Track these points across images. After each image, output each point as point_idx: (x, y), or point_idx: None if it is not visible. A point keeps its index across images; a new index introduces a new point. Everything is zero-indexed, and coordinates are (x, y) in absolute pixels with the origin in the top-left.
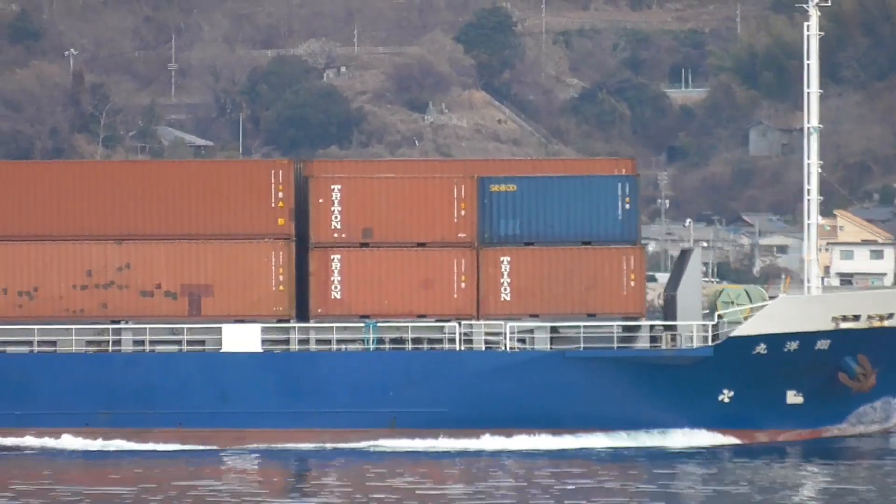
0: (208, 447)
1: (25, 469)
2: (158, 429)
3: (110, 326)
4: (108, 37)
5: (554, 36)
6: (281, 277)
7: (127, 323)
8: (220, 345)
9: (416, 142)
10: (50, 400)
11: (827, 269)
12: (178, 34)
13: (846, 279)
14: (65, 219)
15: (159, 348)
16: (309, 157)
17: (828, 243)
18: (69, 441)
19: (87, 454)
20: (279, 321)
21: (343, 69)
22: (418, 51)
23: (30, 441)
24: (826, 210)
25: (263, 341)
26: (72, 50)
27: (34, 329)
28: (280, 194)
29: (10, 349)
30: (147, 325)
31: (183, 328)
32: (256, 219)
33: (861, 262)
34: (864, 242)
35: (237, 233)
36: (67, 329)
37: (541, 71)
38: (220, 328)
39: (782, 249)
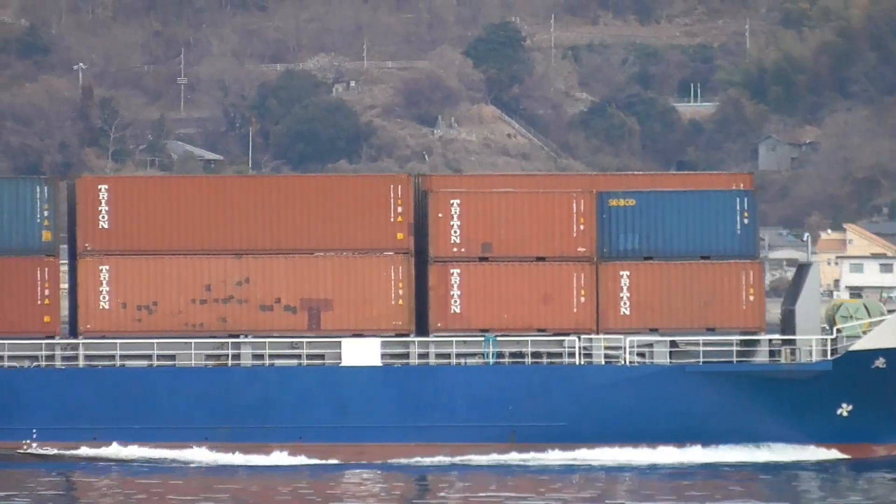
0: (328, 462)
1: (145, 482)
2: (278, 443)
3: (229, 340)
4: (118, 51)
5: (563, 51)
6: (400, 292)
7: (246, 337)
8: (340, 359)
9: (426, 156)
10: (169, 414)
11: (837, 283)
12: (188, 48)
13: (855, 292)
14: (184, 233)
15: (278, 362)
16: (318, 170)
17: (837, 257)
18: (188, 455)
19: (205, 468)
20: (398, 335)
21: (352, 84)
22: (427, 65)
23: (147, 454)
24: (835, 224)
25: (383, 355)
26: (81, 64)
27: (153, 343)
28: (399, 209)
29: (129, 363)
30: (266, 340)
31: (302, 342)
32: (376, 233)
33: (871, 275)
34: (874, 256)
35: (356, 247)
36: (187, 343)
37: (550, 85)
38: (340, 342)
39: (792, 263)
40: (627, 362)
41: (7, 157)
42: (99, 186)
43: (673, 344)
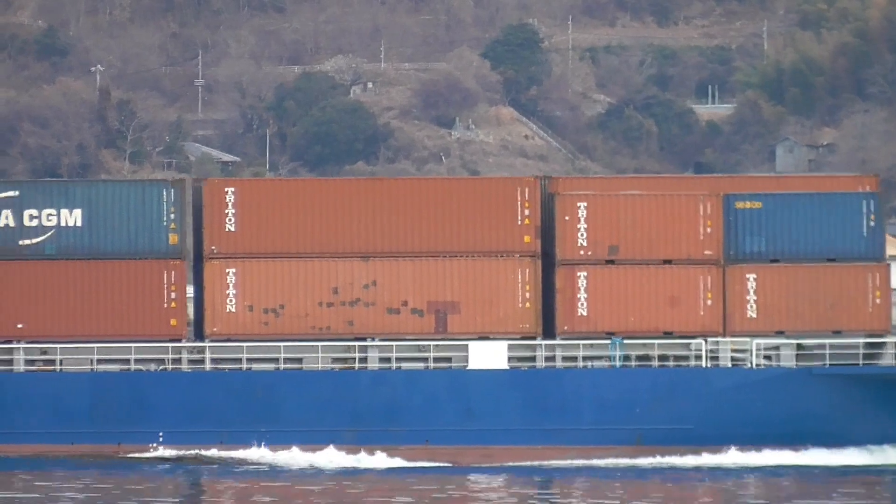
0: (454, 464)
1: (271, 485)
2: (405, 446)
3: (356, 344)
4: (135, 53)
5: (580, 52)
6: (527, 294)
7: (373, 340)
8: (467, 362)
9: (443, 158)
10: (296, 417)
11: None
12: (205, 50)
13: None
14: (311, 236)
15: (405, 366)
16: (335, 173)
17: None
18: (315, 458)
19: (332, 471)
20: (525, 338)
21: (370, 85)
22: (445, 67)
23: (274, 457)
24: None
25: (509, 358)
26: (98, 66)
27: (280, 346)
28: (526, 211)
29: (256, 367)
30: (393, 343)
31: (429, 345)
32: (502, 236)
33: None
34: (891, 258)
35: (483, 250)
36: (313, 346)
37: (567, 87)
38: (467, 345)
39: None
40: (754, 365)
41: (25, 159)
42: (226, 189)
43: (799, 346)
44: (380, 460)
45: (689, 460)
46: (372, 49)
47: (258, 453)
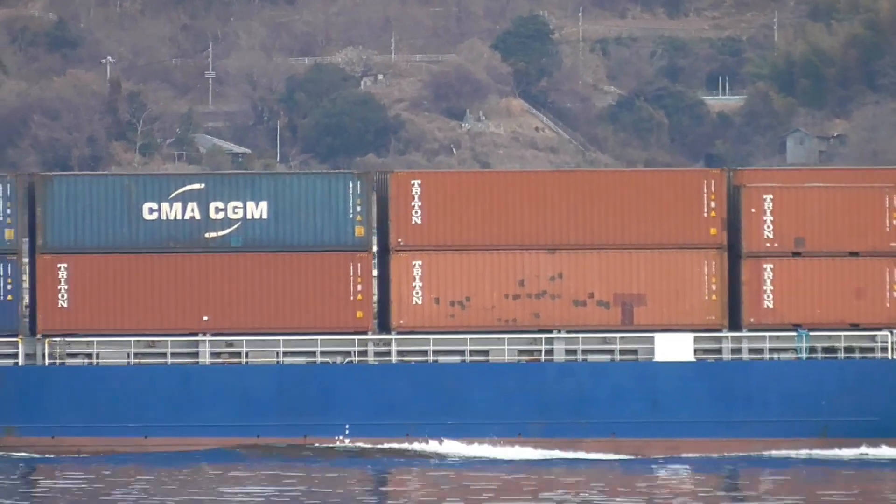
0: (640, 457)
1: (458, 476)
2: (591, 438)
3: (542, 336)
4: (146, 45)
5: (591, 44)
6: (713, 287)
7: (559, 332)
8: (653, 354)
9: (454, 150)
10: (482, 409)
11: None
12: (216, 42)
13: None
14: (498, 228)
15: (591, 358)
16: (346, 165)
17: None
18: (501, 450)
19: (518, 463)
20: (710, 330)
21: (380, 77)
22: (456, 59)
23: (461, 450)
24: None
25: (695, 350)
26: (109, 58)
27: (466, 339)
28: (712, 203)
29: (442, 359)
30: (579, 335)
31: (615, 337)
32: (688, 228)
33: None
34: None
35: (669, 242)
36: (500, 339)
37: (578, 79)
38: (653, 337)
39: None
40: None
41: (35, 151)
42: (412, 181)
43: None
44: (565, 453)
45: (875, 452)
46: (382, 41)
47: (444, 446)
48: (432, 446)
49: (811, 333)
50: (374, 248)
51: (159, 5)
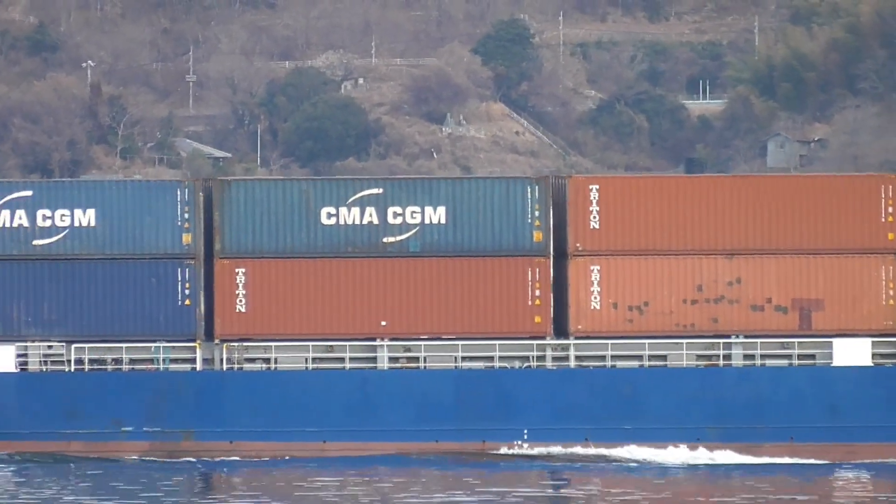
0: (819, 462)
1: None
2: (769, 443)
3: (720, 341)
4: (126, 48)
5: (572, 48)
6: (891, 292)
7: (737, 337)
8: (831, 359)
9: (434, 154)
10: (660, 414)
11: None
12: (196, 46)
13: None
14: (676, 233)
15: (769, 362)
16: (325, 168)
17: None
18: (679, 454)
19: (697, 468)
20: (888, 335)
21: (361, 81)
22: (436, 62)
23: (639, 454)
24: None
25: (873, 355)
26: (89, 62)
27: (644, 344)
28: (890, 209)
29: (620, 364)
30: (757, 340)
31: (793, 342)
32: (866, 233)
33: None
34: None
35: (846, 247)
36: (678, 344)
37: (559, 83)
38: (831, 342)
39: None
40: None
41: (16, 155)
42: (590, 186)
43: None
44: (742, 457)
45: None
46: (363, 45)
47: (623, 450)
48: (611, 451)
49: None
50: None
51: (139, 9)
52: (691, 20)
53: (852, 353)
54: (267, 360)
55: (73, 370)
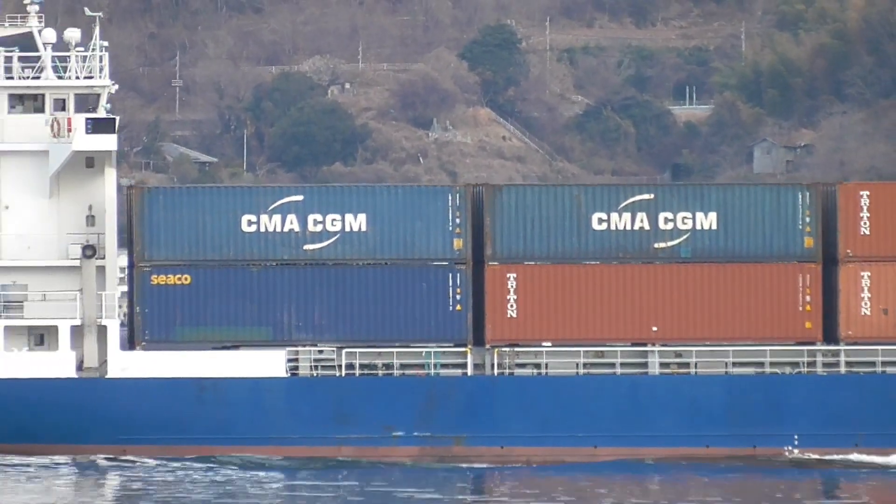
0: None
1: None
2: None
3: None
4: (113, 53)
5: (558, 53)
6: None
7: None
8: None
9: (421, 159)
10: None
11: None
12: (183, 51)
13: None
14: None
15: None
16: (313, 173)
17: None
18: None
19: None
20: None
21: (347, 86)
22: (423, 68)
23: None
24: None
25: None
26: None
27: None
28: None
29: (890, 370)
30: None
31: None
32: None
33: None
34: None
35: None
36: None
37: (545, 88)
38: None
39: None
40: None
41: None
42: (860, 192)
43: None
44: None
45: None
46: (350, 50)
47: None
48: (884, 458)
49: None
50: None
51: (126, 14)
52: (678, 26)
53: None
54: (537, 365)
55: (343, 375)
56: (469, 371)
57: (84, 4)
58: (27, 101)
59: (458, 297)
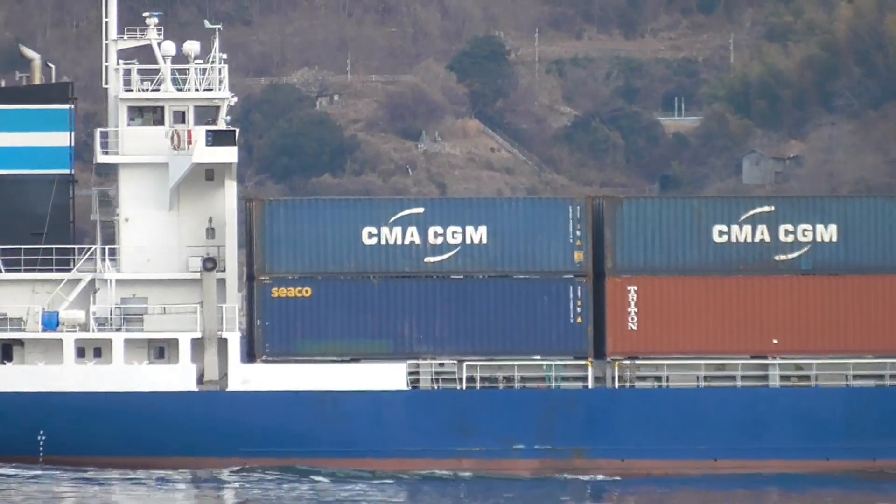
0: None
1: None
2: None
3: None
4: (102, 65)
5: (547, 65)
6: None
7: None
8: None
9: (409, 170)
10: None
11: None
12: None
13: None
14: None
15: None
16: (301, 185)
17: None
18: None
19: None
20: None
21: (336, 97)
22: (411, 79)
23: None
24: None
25: None
26: (65, 77)
27: None
28: None
29: None
30: None
31: None
32: None
33: None
34: None
35: None
36: None
37: (534, 100)
38: None
39: None
40: None
41: None
42: None
43: None
44: None
45: None
46: (338, 61)
47: None
48: None
49: None
50: None
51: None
52: (667, 37)
53: None
54: (658, 378)
55: (464, 388)
56: (590, 384)
57: (74, 17)
58: (146, 114)
59: (578, 309)
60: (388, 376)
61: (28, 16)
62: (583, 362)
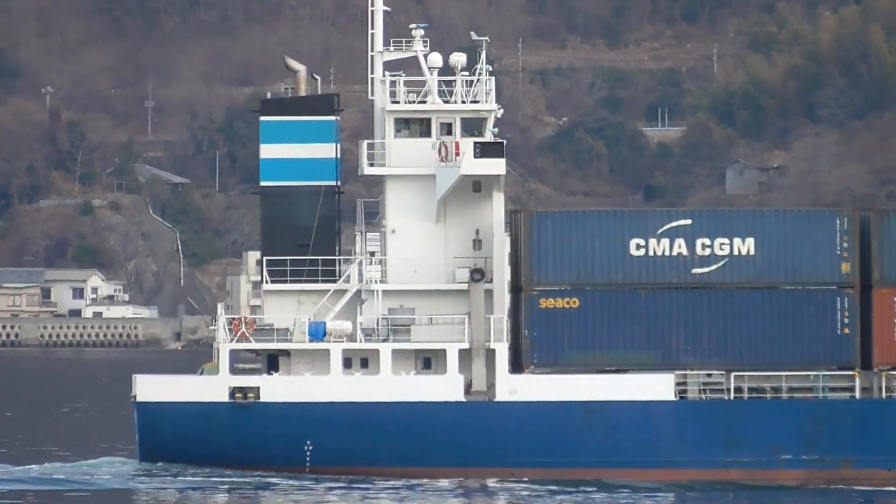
0: None
1: None
2: None
3: None
4: (86, 74)
5: (531, 74)
6: None
7: None
8: None
9: None
10: None
11: None
12: (156, 72)
13: None
14: None
15: None
16: None
17: None
18: None
19: None
20: None
21: None
22: None
23: None
24: None
25: None
26: (49, 87)
27: None
28: None
29: None
30: None
31: None
32: None
33: None
34: None
35: None
36: None
37: (518, 109)
38: None
39: None
40: None
41: None
42: None
43: None
44: None
45: None
46: (322, 71)
47: None
48: None
49: None
50: None
51: (99, 35)
52: (650, 47)
53: None
54: None
55: (732, 398)
56: (857, 394)
57: (58, 27)
58: (413, 126)
59: (845, 320)
60: (656, 387)
61: (12, 26)
62: (850, 373)
